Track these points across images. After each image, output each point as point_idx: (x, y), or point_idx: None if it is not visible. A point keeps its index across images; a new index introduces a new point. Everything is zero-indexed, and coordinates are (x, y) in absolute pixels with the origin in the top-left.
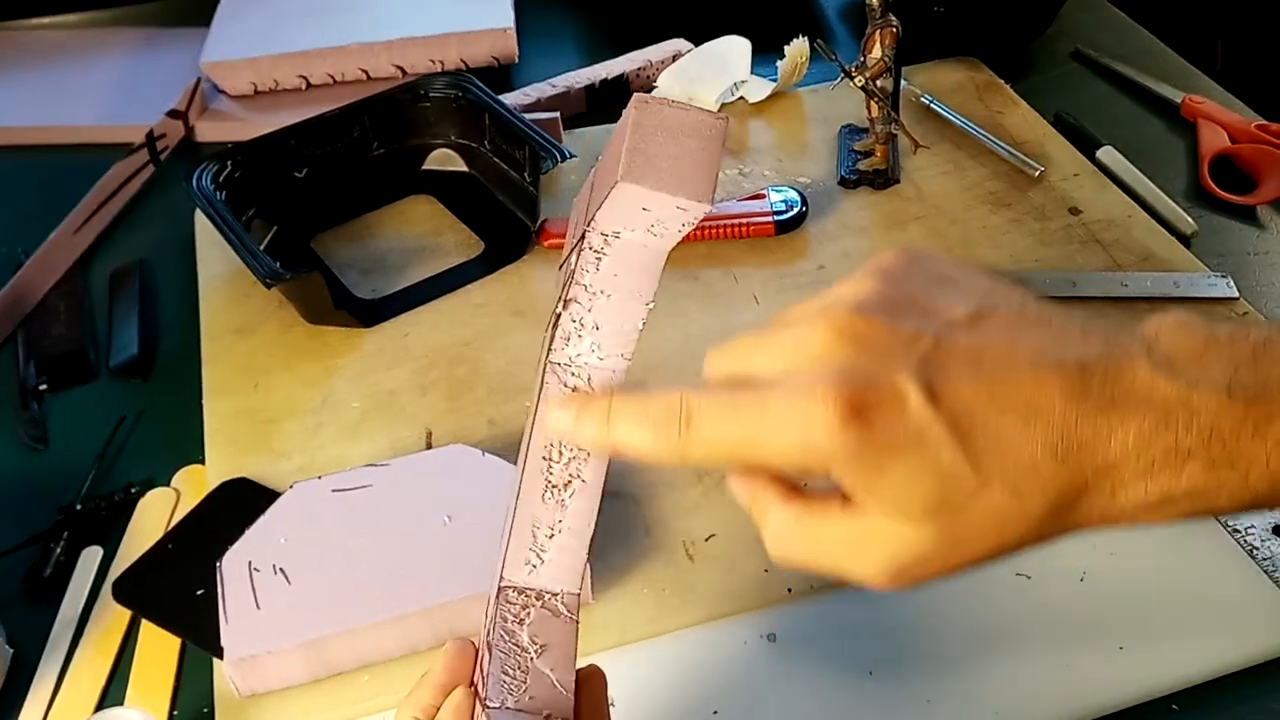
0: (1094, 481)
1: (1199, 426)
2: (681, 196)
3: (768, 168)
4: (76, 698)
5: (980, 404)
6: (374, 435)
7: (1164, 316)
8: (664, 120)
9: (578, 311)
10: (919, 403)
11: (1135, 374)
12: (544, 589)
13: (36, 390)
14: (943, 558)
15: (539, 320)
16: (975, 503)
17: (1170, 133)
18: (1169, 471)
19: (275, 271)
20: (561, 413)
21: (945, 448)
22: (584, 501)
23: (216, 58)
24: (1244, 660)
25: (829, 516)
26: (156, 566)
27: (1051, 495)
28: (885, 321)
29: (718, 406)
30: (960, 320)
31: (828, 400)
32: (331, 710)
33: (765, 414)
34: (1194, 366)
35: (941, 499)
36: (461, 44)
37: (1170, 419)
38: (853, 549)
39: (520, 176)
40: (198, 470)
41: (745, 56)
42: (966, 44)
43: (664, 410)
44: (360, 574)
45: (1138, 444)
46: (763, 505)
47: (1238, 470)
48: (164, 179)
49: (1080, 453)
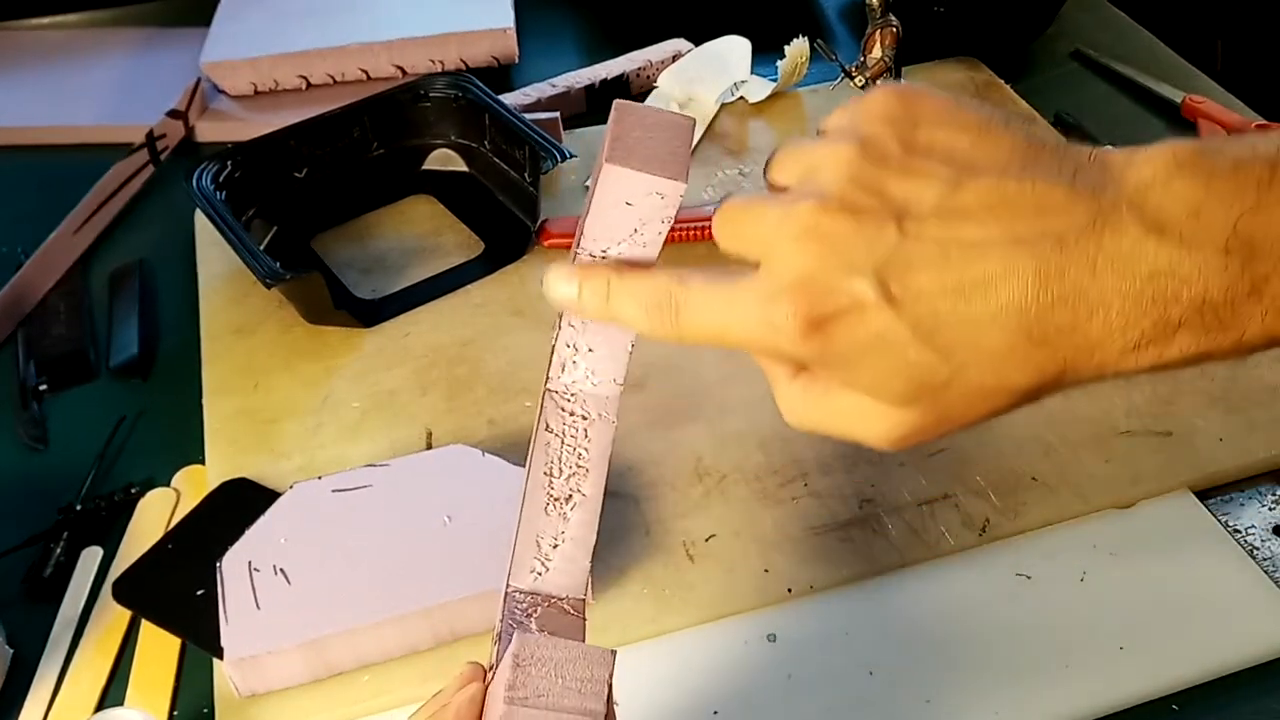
0: (1076, 358)
1: (1190, 296)
2: (660, 177)
3: None
4: (76, 698)
5: (946, 299)
6: (374, 435)
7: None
8: (639, 119)
9: (571, 335)
10: (877, 307)
11: (1121, 240)
12: (549, 594)
13: (36, 390)
14: (936, 426)
15: (539, 320)
16: (954, 385)
17: (1170, 133)
18: (1158, 344)
19: (275, 271)
20: (566, 285)
21: (910, 346)
22: (585, 513)
23: (216, 58)
24: (1244, 660)
25: (831, 391)
26: (156, 566)
27: (1031, 373)
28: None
29: (701, 300)
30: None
31: (787, 312)
32: (331, 710)
33: (737, 314)
34: (1189, 221)
35: (917, 387)
36: (461, 44)
37: (1159, 292)
38: (854, 420)
39: (520, 176)
40: (198, 470)
41: (745, 56)
42: (966, 44)
43: (657, 294)
44: (360, 574)
45: (1121, 322)
46: (773, 377)
47: (1232, 332)
48: (164, 179)
49: (1059, 335)
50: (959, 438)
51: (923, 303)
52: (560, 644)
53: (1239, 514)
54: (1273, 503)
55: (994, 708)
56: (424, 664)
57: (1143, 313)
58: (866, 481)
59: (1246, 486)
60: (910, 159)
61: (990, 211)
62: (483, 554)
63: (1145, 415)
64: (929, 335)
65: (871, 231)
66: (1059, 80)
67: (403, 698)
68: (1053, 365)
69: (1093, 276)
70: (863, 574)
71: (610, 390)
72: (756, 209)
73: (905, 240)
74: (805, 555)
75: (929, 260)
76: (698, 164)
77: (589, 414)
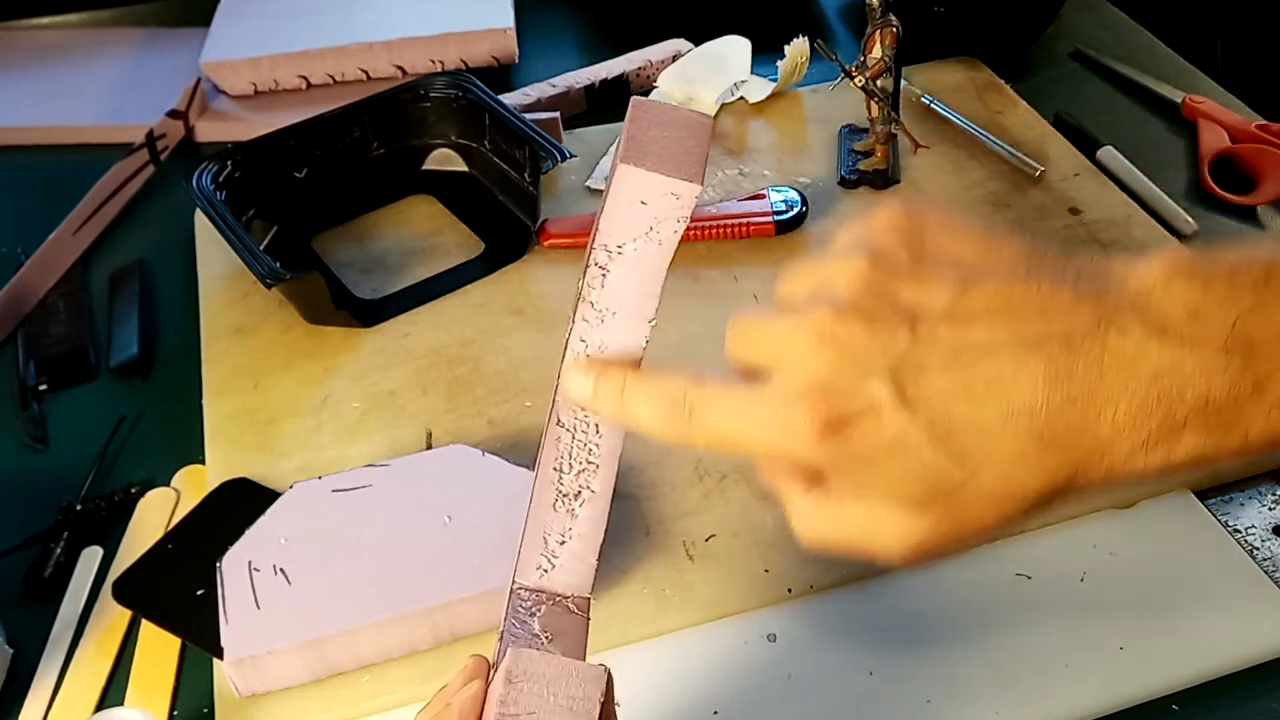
0: (1087, 459)
1: (1194, 395)
2: (674, 178)
3: (768, 168)
4: (76, 698)
5: (959, 402)
6: (374, 435)
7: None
8: (655, 116)
9: (585, 330)
10: (893, 410)
11: (1126, 342)
12: (555, 592)
13: (36, 390)
14: (950, 537)
15: (539, 320)
16: (967, 490)
17: (1170, 133)
18: (1166, 443)
19: (275, 271)
20: (581, 377)
21: (924, 449)
22: (594, 510)
23: (216, 58)
24: (1244, 660)
25: (845, 503)
26: (156, 566)
27: (1043, 477)
28: (863, 324)
29: (715, 403)
30: (941, 308)
31: (805, 415)
32: (331, 710)
33: (754, 418)
34: (1189, 322)
35: (931, 490)
36: (461, 44)
37: (1164, 391)
38: (868, 532)
39: (520, 176)
40: (198, 470)
41: (745, 56)
42: (966, 44)
43: (672, 396)
44: (360, 574)
45: (1129, 420)
46: (785, 492)
47: (1236, 432)
48: (164, 179)
49: (1069, 436)
50: None
51: (937, 405)
52: (554, 661)
53: (1239, 514)
54: (1273, 503)
55: (994, 708)
56: (424, 664)
57: (1149, 413)
58: None
59: (1246, 486)
60: (919, 267)
61: (998, 314)
62: (483, 554)
63: None
64: (944, 438)
65: (885, 336)
66: (1059, 80)
67: (403, 698)
68: (1063, 469)
69: (1100, 376)
70: (863, 574)
71: None
72: (770, 321)
73: (918, 344)
74: (805, 555)
75: (942, 363)
76: None
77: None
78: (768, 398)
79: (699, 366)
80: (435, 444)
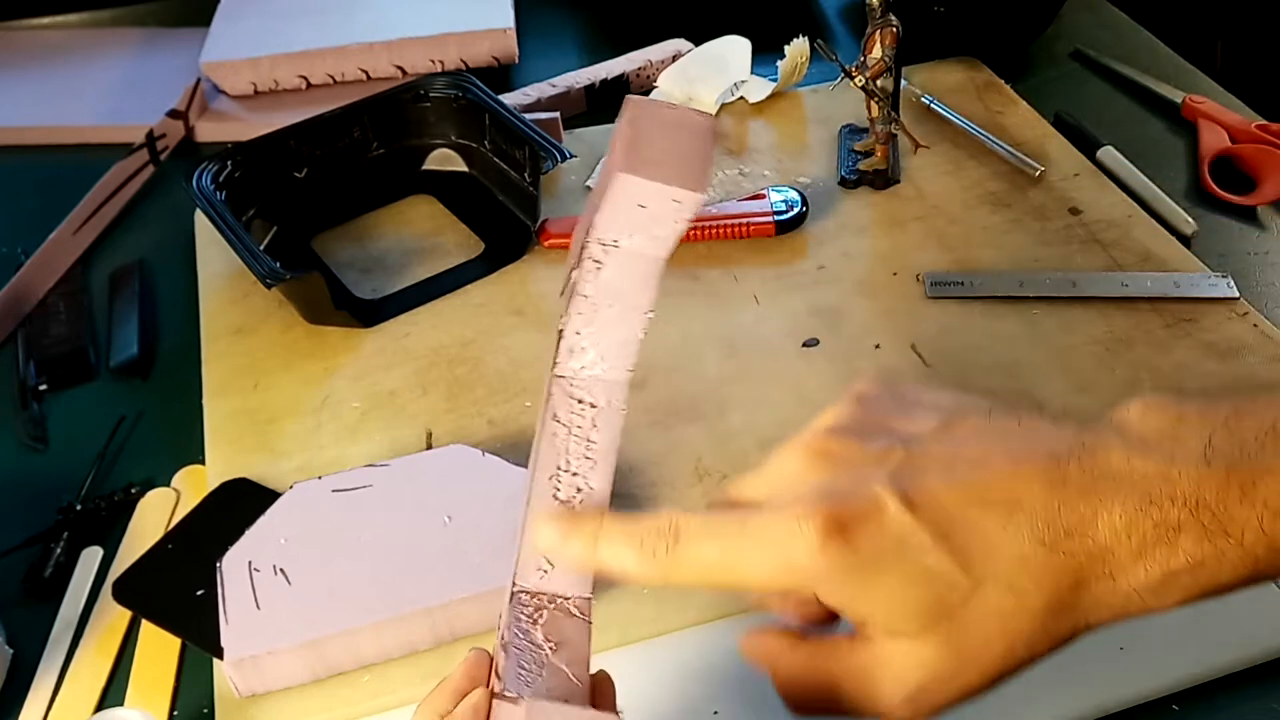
0: (1089, 567)
1: (1183, 497)
2: (675, 186)
3: (768, 168)
4: (76, 698)
5: (959, 504)
6: (374, 435)
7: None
8: (656, 117)
9: (579, 323)
10: (897, 510)
11: (1110, 457)
12: (556, 593)
13: (36, 390)
14: (954, 674)
15: (539, 320)
16: (972, 606)
17: (1170, 133)
18: (1163, 547)
19: (275, 271)
20: (549, 529)
21: (929, 552)
22: (592, 510)
23: (216, 58)
24: (1244, 660)
25: (838, 653)
26: (156, 566)
27: (1048, 587)
28: (857, 440)
29: (702, 527)
30: (929, 432)
31: (806, 518)
32: (331, 710)
33: (747, 534)
34: (1167, 442)
35: (936, 605)
36: (461, 44)
37: (1153, 494)
38: (864, 680)
39: (520, 176)
40: (198, 470)
41: (745, 56)
42: (966, 44)
43: (651, 530)
44: (360, 574)
45: (1125, 523)
46: (772, 655)
47: (1232, 537)
48: (164, 179)
49: (1069, 539)
50: None
51: (939, 507)
52: (570, 713)
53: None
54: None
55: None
56: (424, 664)
57: (1143, 513)
58: None
59: None
60: (904, 407)
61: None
62: (483, 554)
63: None
64: (948, 540)
65: (880, 451)
66: (1059, 80)
67: (403, 698)
68: (1066, 576)
69: (1091, 482)
70: None
71: (620, 376)
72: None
73: (912, 457)
74: None
75: (939, 470)
76: None
77: (598, 401)
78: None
79: (699, 368)
80: (435, 444)
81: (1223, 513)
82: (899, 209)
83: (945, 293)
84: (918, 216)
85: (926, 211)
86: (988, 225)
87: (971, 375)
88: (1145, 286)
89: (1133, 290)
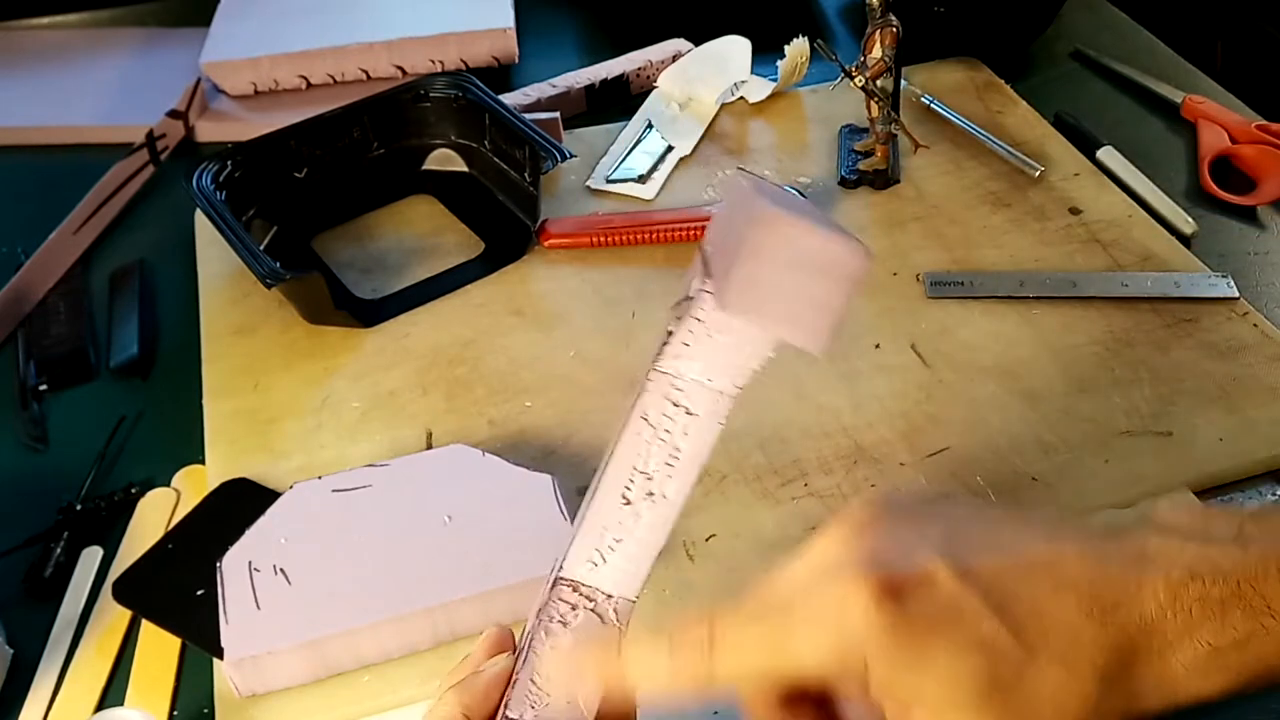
0: (1139, 642)
1: (1224, 574)
2: (794, 340)
3: (768, 168)
4: (76, 698)
5: (1008, 576)
6: (374, 435)
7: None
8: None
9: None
10: (948, 577)
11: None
12: (599, 588)
13: (36, 390)
14: None
15: (539, 320)
16: (1026, 681)
17: (1170, 133)
18: (1211, 623)
19: (275, 271)
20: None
21: (985, 619)
22: (659, 517)
23: (216, 58)
24: None
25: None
26: (156, 566)
27: (1100, 663)
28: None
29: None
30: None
31: (859, 582)
32: (331, 710)
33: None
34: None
35: (991, 678)
36: (461, 44)
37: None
38: None
39: (520, 176)
40: (198, 470)
41: (745, 56)
42: (966, 44)
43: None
44: (360, 574)
45: (1169, 596)
46: None
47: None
48: (164, 179)
49: (1116, 611)
50: (958, 435)
51: (989, 577)
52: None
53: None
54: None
55: None
56: (424, 664)
57: (1186, 587)
58: (866, 481)
59: (1246, 486)
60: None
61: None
62: (483, 554)
63: (1145, 415)
64: (1001, 609)
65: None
66: (1059, 80)
67: (403, 698)
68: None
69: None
70: None
71: (728, 388)
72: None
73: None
74: None
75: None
76: (698, 164)
77: (696, 410)
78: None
79: None
80: (435, 444)
81: (1265, 591)
82: (899, 209)
83: (945, 293)
84: (918, 216)
85: (926, 211)
86: (988, 225)
87: (971, 375)
88: (1145, 286)
89: (1133, 290)
